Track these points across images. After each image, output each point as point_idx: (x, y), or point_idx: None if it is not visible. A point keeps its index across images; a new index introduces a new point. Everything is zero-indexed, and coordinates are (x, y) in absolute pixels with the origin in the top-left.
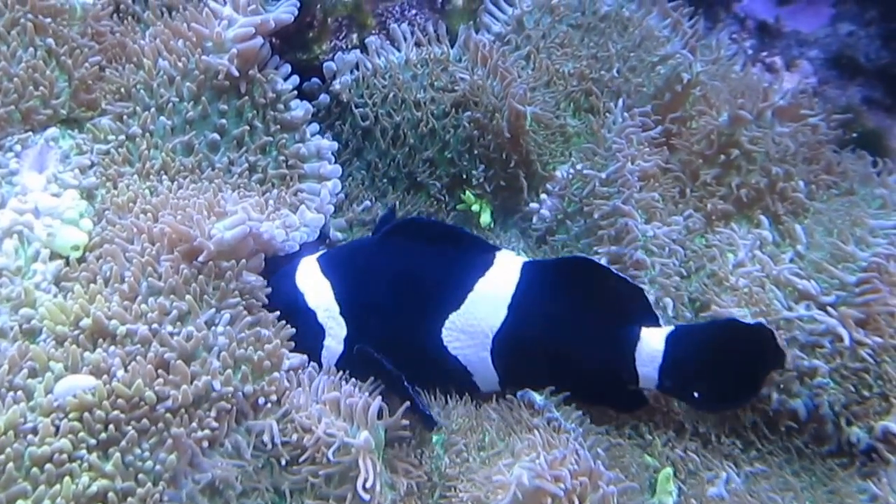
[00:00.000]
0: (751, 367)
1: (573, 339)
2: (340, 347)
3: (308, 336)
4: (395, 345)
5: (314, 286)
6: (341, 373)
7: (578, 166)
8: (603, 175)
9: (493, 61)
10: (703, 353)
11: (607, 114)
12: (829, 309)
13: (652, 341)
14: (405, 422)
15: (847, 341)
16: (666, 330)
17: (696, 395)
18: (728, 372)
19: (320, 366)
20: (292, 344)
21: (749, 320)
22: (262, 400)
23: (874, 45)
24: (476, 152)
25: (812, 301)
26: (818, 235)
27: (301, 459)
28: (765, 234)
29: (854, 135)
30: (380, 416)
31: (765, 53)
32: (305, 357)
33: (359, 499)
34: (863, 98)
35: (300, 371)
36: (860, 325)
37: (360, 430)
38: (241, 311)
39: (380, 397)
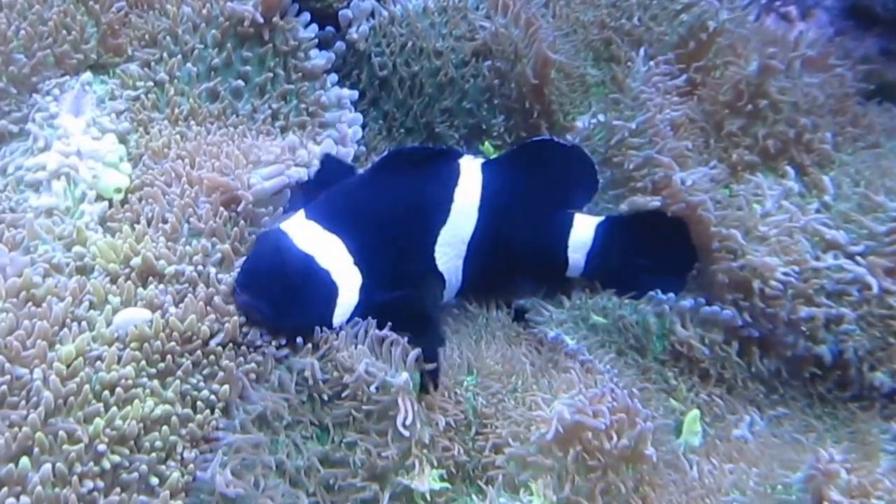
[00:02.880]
0: (676, 247)
1: (520, 230)
2: (356, 297)
3: (321, 299)
4: (402, 279)
5: (323, 245)
6: (376, 320)
7: (601, 116)
8: (632, 125)
9: (517, 8)
10: (629, 241)
11: (629, 63)
12: (858, 258)
13: (583, 229)
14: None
15: (875, 289)
16: (597, 219)
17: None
18: (657, 254)
19: (330, 327)
20: None
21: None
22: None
23: None
24: (496, 102)
25: (840, 250)
26: (845, 186)
27: (343, 395)
28: (791, 184)
29: (871, 87)
30: (416, 361)
31: (779, 3)
32: None
33: (399, 434)
34: (880, 49)
35: None
36: (889, 274)
37: (399, 372)
38: None
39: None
